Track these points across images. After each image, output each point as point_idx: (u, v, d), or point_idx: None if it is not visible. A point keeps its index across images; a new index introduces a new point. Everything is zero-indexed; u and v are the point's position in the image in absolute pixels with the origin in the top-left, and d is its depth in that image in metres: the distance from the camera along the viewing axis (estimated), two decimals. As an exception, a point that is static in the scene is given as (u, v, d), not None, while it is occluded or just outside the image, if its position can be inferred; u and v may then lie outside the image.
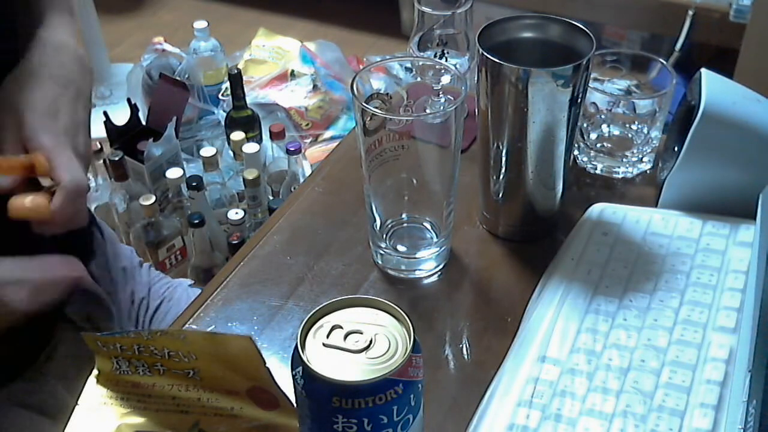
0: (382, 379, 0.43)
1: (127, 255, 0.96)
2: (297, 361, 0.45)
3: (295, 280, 0.69)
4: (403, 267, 0.68)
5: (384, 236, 0.67)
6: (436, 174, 0.64)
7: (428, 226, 0.68)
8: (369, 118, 0.60)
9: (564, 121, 0.64)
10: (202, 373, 0.53)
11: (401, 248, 0.68)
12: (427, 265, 0.68)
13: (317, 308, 0.47)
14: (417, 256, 0.68)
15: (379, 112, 0.60)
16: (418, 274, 0.68)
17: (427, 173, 0.65)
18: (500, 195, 0.70)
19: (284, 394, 0.52)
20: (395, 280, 0.69)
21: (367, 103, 0.61)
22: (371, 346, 0.45)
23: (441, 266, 0.69)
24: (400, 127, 0.60)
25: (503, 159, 0.67)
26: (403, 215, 0.67)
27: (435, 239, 0.67)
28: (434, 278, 0.69)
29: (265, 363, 0.50)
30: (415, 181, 0.65)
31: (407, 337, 0.46)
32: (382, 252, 0.68)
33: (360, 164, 0.64)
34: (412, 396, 0.45)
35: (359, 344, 0.45)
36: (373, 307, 0.47)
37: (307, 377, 0.44)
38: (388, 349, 0.45)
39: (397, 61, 0.80)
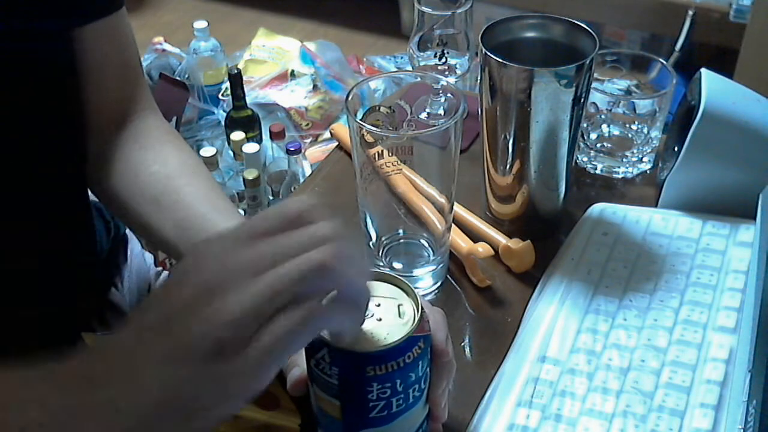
0: (408, 337, 0.44)
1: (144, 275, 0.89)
2: (318, 345, 0.44)
3: (295, 279, 0.69)
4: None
5: (380, 253, 0.65)
6: (435, 189, 0.63)
7: (425, 243, 0.66)
8: (365, 134, 0.58)
9: (567, 121, 0.64)
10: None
11: (397, 265, 0.66)
12: (423, 283, 0.66)
13: None
14: (414, 274, 0.65)
15: (374, 129, 0.59)
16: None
17: (424, 188, 0.63)
18: (503, 195, 0.70)
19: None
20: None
21: (368, 115, 0.60)
22: (381, 313, 0.46)
23: (438, 284, 0.67)
24: (400, 142, 0.59)
25: (506, 159, 0.67)
26: (400, 231, 0.66)
27: (432, 256, 0.65)
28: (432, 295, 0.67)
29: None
30: (412, 196, 0.64)
31: (410, 296, 0.47)
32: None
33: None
34: (428, 349, 0.46)
35: (368, 314, 0.46)
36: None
37: (335, 357, 0.44)
38: (398, 313, 0.46)
39: (391, 76, 0.79)
